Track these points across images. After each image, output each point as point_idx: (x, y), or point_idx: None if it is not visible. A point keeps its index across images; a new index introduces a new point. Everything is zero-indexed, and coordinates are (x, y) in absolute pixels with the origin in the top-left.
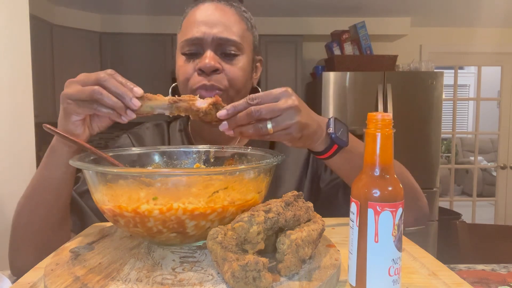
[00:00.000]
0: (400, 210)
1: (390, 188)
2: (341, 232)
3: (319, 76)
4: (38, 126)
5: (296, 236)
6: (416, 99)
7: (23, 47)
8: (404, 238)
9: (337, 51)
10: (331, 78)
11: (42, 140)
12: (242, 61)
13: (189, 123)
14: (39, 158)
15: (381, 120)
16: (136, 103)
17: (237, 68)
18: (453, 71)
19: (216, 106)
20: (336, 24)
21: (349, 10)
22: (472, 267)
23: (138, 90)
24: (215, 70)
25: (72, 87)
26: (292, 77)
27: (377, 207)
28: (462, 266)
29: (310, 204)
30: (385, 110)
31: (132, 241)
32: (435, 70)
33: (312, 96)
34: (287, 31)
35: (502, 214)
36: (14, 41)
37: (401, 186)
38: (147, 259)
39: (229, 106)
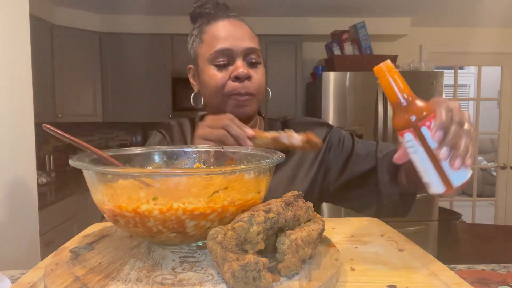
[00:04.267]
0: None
1: (422, 104)
2: (341, 232)
3: (319, 76)
4: (38, 126)
5: (296, 236)
6: None
7: (23, 47)
8: (404, 238)
9: (337, 51)
10: (331, 78)
11: (42, 140)
12: (262, 68)
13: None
14: (39, 158)
15: (386, 67)
16: (249, 143)
17: (260, 75)
18: (453, 71)
19: (309, 142)
20: (336, 24)
21: (349, 10)
22: (472, 267)
23: (249, 131)
24: (248, 77)
25: (205, 130)
26: (292, 77)
27: (426, 122)
28: (462, 266)
29: (310, 204)
30: (385, 110)
31: (132, 241)
32: (435, 70)
33: (312, 96)
34: (287, 31)
35: (502, 214)
36: (14, 41)
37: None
38: (147, 259)
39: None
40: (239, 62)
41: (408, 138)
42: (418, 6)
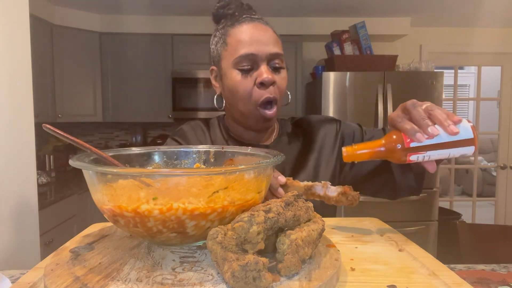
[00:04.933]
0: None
1: (391, 135)
2: (341, 232)
3: (319, 76)
4: (38, 126)
5: (296, 236)
6: (416, 99)
7: (23, 47)
8: (404, 238)
9: (337, 51)
10: (331, 78)
11: (42, 140)
12: (285, 73)
13: (227, 125)
14: (39, 158)
15: (349, 150)
16: (281, 192)
17: (283, 79)
18: (453, 71)
19: (345, 195)
20: (336, 24)
21: (349, 10)
22: (472, 267)
23: (282, 179)
24: (272, 83)
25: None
26: (292, 77)
27: (407, 140)
28: (462, 266)
29: (310, 204)
30: (385, 110)
31: (132, 241)
32: (435, 70)
33: (312, 96)
34: (287, 31)
35: (502, 214)
36: (14, 41)
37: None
38: (147, 259)
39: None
40: (263, 68)
41: (414, 158)
42: (418, 6)
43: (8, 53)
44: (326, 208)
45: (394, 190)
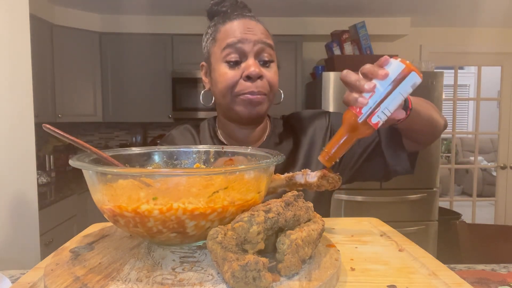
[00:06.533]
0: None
1: (346, 114)
2: (341, 232)
3: (319, 76)
4: (38, 126)
5: (296, 236)
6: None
7: (23, 47)
8: (404, 238)
9: (337, 51)
10: (331, 78)
11: (42, 140)
12: (275, 67)
13: (217, 127)
14: (39, 158)
15: (323, 156)
16: None
17: (273, 74)
18: (453, 71)
19: (326, 178)
20: (336, 24)
21: (349, 10)
22: (472, 267)
23: None
24: (260, 77)
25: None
26: (292, 77)
27: (357, 110)
28: (462, 266)
29: (310, 204)
30: None
31: (132, 241)
32: (435, 70)
33: (312, 96)
34: (287, 31)
35: (502, 214)
36: (14, 41)
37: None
38: (147, 259)
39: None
40: (251, 61)
41: (376, 120)
42: (418, 6)
43: (8, 53)
44: (319, 208)
45: (386, 172)
